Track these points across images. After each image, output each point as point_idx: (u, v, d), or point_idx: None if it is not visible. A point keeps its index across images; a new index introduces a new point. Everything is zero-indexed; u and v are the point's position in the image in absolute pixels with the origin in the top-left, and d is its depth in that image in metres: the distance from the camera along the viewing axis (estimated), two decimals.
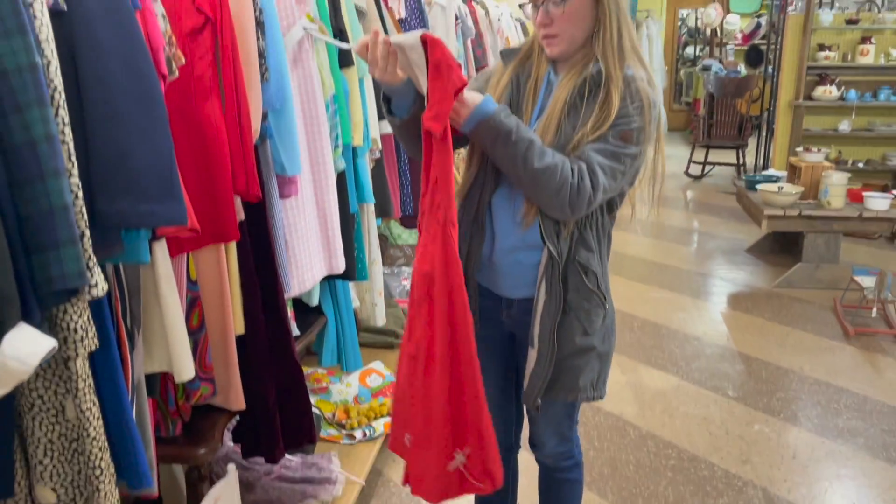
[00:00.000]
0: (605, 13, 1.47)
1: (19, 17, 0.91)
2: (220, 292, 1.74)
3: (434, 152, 1.38)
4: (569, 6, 1.46)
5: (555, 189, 1.42)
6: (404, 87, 1.42)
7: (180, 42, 1.47)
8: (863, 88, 5.99)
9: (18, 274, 0.95)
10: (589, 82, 1.48)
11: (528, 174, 1.43)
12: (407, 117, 1.46)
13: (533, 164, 1.41)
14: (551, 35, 1.50)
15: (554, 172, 1.41)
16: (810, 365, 3.41)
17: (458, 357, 1.42)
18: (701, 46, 11.57)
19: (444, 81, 1.31)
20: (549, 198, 1.44)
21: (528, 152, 1.41)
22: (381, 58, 1.35)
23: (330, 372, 2.87)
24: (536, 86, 1.57)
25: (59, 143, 0.95)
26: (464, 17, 4.60)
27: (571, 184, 1.42)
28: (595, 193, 1.44)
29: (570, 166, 1.43)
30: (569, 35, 1.50)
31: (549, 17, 1.48)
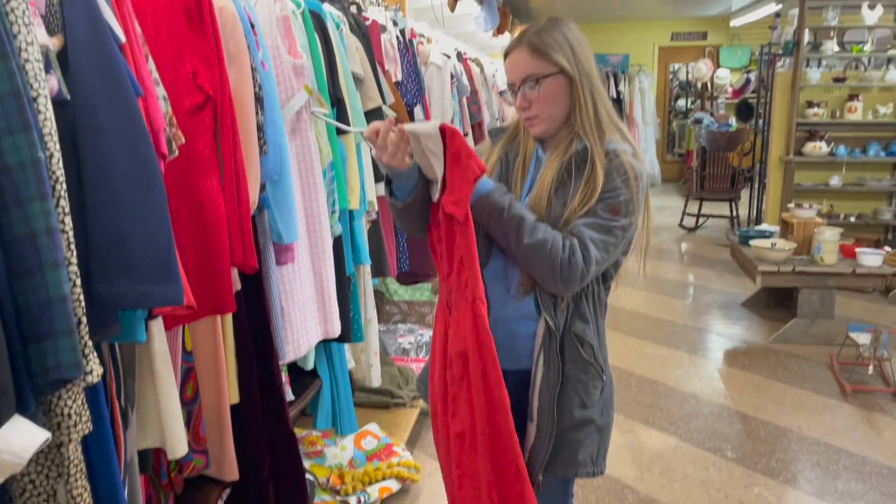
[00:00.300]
0: (579, 92, 1.53)
1: (24, 113, 0.93)
2: (216, 363, 1.74)
3: (457, 234, 1.43)
4: (543, 88, 1.52)
5: (547, 264, 1.45)
6: (409, 172, 1.45)
7: (180, 120, 1.50)
8: (852, 144, 6.08)
9: (14, 363, 0.95)
10: (575, 159, 1.52)
11: (520, 250, 1.47)
12: (410, 200, 1.49)
13: (523, 240, 1.45)
14: (531, 117, 1.56)
15: (544, 247, 1.44)
16: (808, 424, 3.39)
17: (499, 432, 1.45)
18: (692, 99, 11.78)
19: (464, 168, 1.36)
20: (542, 272, 1.47)
21: (518, 229, 1.45)
22: (392, 144, 1.39)
23: (324, 435, 2.84)
24: (525, 163, 1.60)
25: (59, 235, 0.97)
26: (459, 76, 4.69)
27: (562, 258, 1.45)
28: (587, 267, 1.46)
29: (560, 241, 1.46)
30: (548, 115, 1.55)
31: (526, 101, 1.54)
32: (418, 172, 1.47)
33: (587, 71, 1.53)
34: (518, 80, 1.54)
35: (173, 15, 1.53)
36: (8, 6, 0.98)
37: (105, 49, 1.15)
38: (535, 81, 1.52)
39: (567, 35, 1.53)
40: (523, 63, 1.53)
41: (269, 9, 2.00)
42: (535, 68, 1.52)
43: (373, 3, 3.45)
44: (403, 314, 4.21)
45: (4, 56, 0.93)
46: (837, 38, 6.29)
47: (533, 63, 1.52)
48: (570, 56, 1.51)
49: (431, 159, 1.39)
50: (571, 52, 1.51)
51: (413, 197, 1.48)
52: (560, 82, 1.52)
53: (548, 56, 1.51)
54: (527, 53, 1.52)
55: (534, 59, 1.52)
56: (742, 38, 11.27)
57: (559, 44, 1.51)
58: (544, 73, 1.51)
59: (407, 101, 3.35)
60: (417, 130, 1.38)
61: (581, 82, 1.52)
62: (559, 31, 1.53)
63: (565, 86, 1.53)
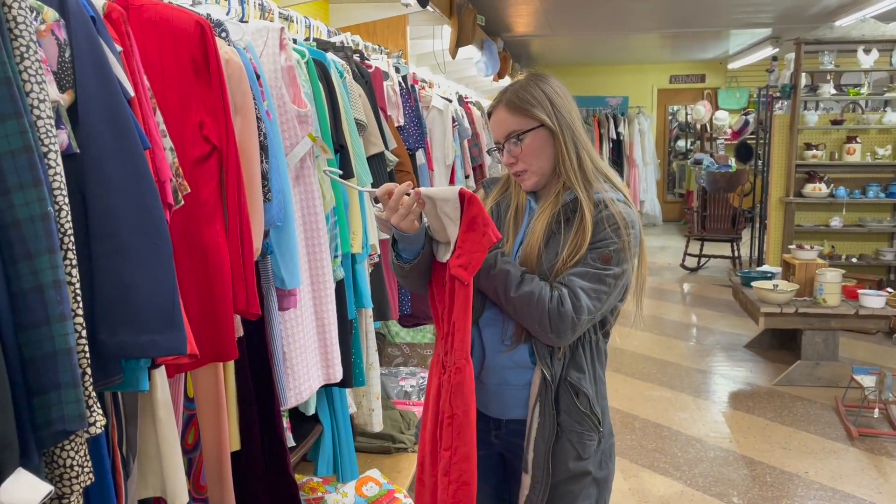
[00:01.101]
0: (561, 143, 1.55)
1: (34, 169, 0.95)
2: (217, 410, 1.74)
3: (457, 297, 1.44)
4: (525, 143, 1.55)
5: (536, 315, 1.46)
6: (416, 235, 1.47)
7: (186, 169, 1.52)
8: (851, 186, 6.12)
9: (19, 415, 0.96)
10: (565, 210, 1.53)
11: (509, 304, 1.49)
12: (416, 262, 1.51)
13: (510, 294, 1.47)
14: (520, 172, 1.58)
15: (531, 299, 1.46)
16: (815, 469, 3.35)
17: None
18: (692, 140, 11.90)
19: (479, 235, 1.39)
20: (532, 324, 1.48)
21: (505, 284, 1.48)
22: (405, 207, 1.41)
23: (325, 481, 2.81)
24: (517, 214, 1.62)
25: (66, 288, 0.98)
26: (461, 119, 4.75)
27: (550, 308, 1.45)
28: (578, 317, 1.45)
29: (548, 292, 1.46)
30: (536, 168, 1.57)
31: (512, 157, 1.57)
32: (425, 235, 1.49)
33: (568, 122, 1.55)
34: (502, 138, 1.58)
35: (181, 66, 1.57)
36: (22, 65, 1.01)
37: (114, 104, 1.18)
38: (517, 137, 1.54)
39: (545, 89, 1.55)
40: (504, 121, 1.57)
41: (274, 59, 2.04)
42: (515, 125, 1.55)
43: (375, 51, 3.52)
44: (405, 356, 4.20)
45: (17, 114, 0.95)
46: (834, 81, 6.38)
47: (513, 120, 1.55)
48: (550, 109, 1.54)
49: (446, 223, 1.42)
50: (550, 105, 1.54)
51: (419, 259, 1.50)
52: (542, 135, 1.54)
53: (527, 112, 1.54)
54: (506, 112, 1.56)
55: (513, 117, 1.55)
56: (740, 81, 11.43)
57: (537, 99, 1.54)
58: (524, 128, 1.54)
59: (409, 146, 3.39)
60: (435, 195, 1.40)
61: (563, 134, 1.54)
62: (537, 86, 1.56)
63: (547, 138, 1.55)
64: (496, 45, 6.63)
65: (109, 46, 1.23)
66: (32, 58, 1.02)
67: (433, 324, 3.89)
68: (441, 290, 1.51)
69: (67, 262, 1.02)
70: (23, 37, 1.01)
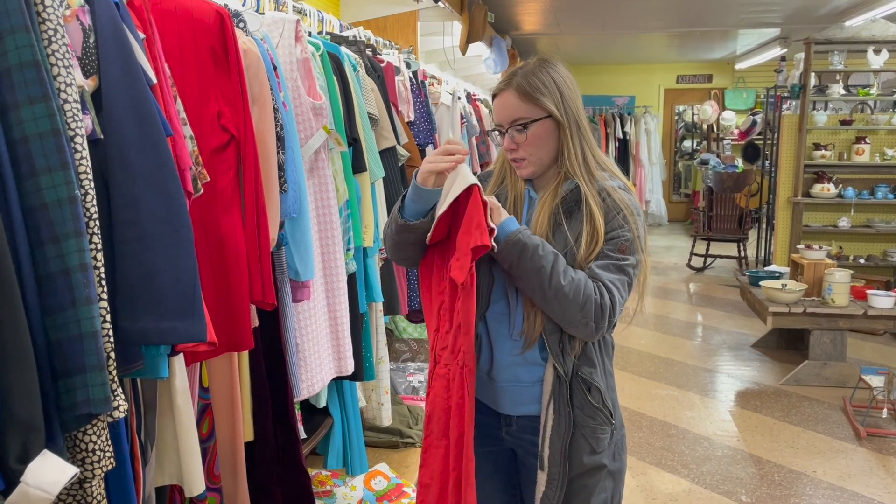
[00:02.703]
0: (567, 136, 1.52)
1: (62, 152, 0.96)
2: (232, 400, 1.74)
3: (459, 299, 1.43)
4: (531, 132, 1.51)
5: (580, 305, 1.42)
6: (431, 194, 1.46)
7: (205, 158, 1.53)
8: (860, 186, 6.10)
9: (45, 398, 0.96)
10: (567, 200, 1.52)
11: (552, 289, 1.42)
12: (413, 223, 1.49)
13: (560, 280, 1.41)
14: (519, 159, 1.55)
15: (579, 288, 1.41)
16: (823, 468, 3.34)
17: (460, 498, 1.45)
18: (698, 140, 11.88)
19: (471, 237, 1.36)
20: (573, 314, 1.43)
21: (555, 266, 1.42)
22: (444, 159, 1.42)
23: (334, 474, 2.82)
24: (516, 205, 1.59)
25: (92, 272, 0.98)
26: (469, 116, 4.75)
27: (595, 300, 1.42)
28: (615, 309, 1.45)
29: (591, 284, 1.44)
30: (536, 158, 1.54)
31: (514, 143, 1.53)
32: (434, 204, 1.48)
33: (575, 114, 1.53)
34: (506, 123, 1.53)
35: (200, 57, 1.57)
36: (49, 48, 1.01)
37: (138, 90, 1.19)
38: (522, 126, 1.51)
39: (555, 78, 1.52)
40: (511, 106, 1.52)
41: (291, 51, 2.05)
42: (523, 112, 1.51)
43: (387, 46, 3.53)
44: (413, 352, 4.20)
45: (45, 97, 0.95)
46: (843, 82, 6.36)
47: (521, 107, 1.51)
48: (559, 100, 1.51)
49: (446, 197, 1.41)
50: (560, 95, 1.51)
51: (418, 223, 1.48)
52: (548, 126, 1.52)
53: (536, 100, 1.50)
54: (515, 97, 1.51)
55: (522, 103, 1.51)
56: (747, 81, 11.40)
57: (548, 88, 1.50)
58: (532, 117, 1.51)
59: (419, 141, 3.40)
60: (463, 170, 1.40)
61: (569, 126, 1.52)
62: (547, 73, 1.52)
63: (553, 129, 1.52)
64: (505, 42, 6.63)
65: (133, 33, 1.23)
66: (60, 41, 1.02)
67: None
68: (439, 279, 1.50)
69: (93, 247, 1.03)
70: (51, 20, 1.01)
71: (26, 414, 0.90)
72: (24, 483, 0.89)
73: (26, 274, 0.94)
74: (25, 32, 0.94)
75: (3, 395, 0.87)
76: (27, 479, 0.89)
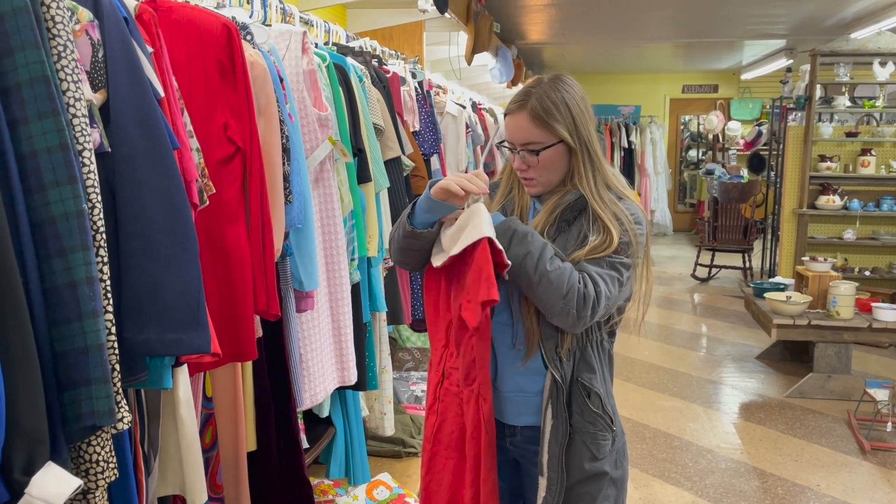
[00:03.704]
0: (579, 160, 1.54)
1: (70, 166, 0.97)
2: (235, 410, 1.75)
3: (474, 337, 1.47)
4: (543, 156, 1.53)
5: (563, 292, 1.43)
6: (443, 208, 1.48)
7: (211, 170, 1.54)
8: (865, 198, 6.09)
9: (50, 410, 0.97)
10: (571, 208, 1.54)
11: (538, 274, 1.44)
12: (420, 231, 1.51)
13: (546, 266, 1.43)
14: (529, 178, 1.57)
15: (563, 275, 1.44)
16: (827, 482, 3.33)
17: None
18: (703, 150, 11.87)
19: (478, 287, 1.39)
20: (556, 301, 1.44)
21: (542, 253, 1.44)
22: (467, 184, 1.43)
23: (336, 484, 2.82)
24: (523, 216, 1.62)
25: (98, 285, 0.99)
26: (474, 126, 4.77)
27: (578, 288, 1.44)
28: (598, 300, 1.45)
29: (577, 273, 1.46)
30: (545, 180, 1.56)
31: (524, 164, 1.55)
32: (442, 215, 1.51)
33: (586, 139, 1.54)
34: (518, 144, 1.54)
35: (207, 68, 1.59)
36: (59, 64, 1.02)
37: (145, 104, 1.20)
38: (535, 152, 1.52)
39: (568, 101, 1.52)
40: (524, 129, 1.52)
41: (297, 62, 2.06)
42: (535, 137, 1.52)
43: (393, 56, 3.54)
44: (416, 361, 4.20)
45: (55, 111, 0.96)
46: (849, 94, 6.35)
47: (534, 131, 1.52)
48: (571, 126, 1.51)
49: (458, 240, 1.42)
50: (573, 120, 1.52)
51: (425, 231, 1.50)
52: (559, 151, 1.53)
53: (549, 126, 1.50)
54: (528, 120, 1.52)
55: (535, 128, 1.51)
56: (753, 92, 11.40)
57: (561, 113, 1.51)
58: (545, 143, 1.52)
59: (424, 151, 3.41)
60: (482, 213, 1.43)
61: (581, 152, 1.53)
62: (561, 95, 1.52)
63: (564, 154, 1.54)
64: (510, 52, 6.65)
65: (141, 47, 1.24)
66: (69, 57, 1.04)
67: None
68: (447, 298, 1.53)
69: (99, 260, 1.03)
70: (60, 36, 1.02)
71: (31, 425, 0.90)
72: (28, 495, 0.90)
73: (33, 286, 0.95)
74: (36, 49, 0.96)
75: (8, 406, 0.88)
76: (31, 491, 0.90)
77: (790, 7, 6.37)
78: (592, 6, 6.38)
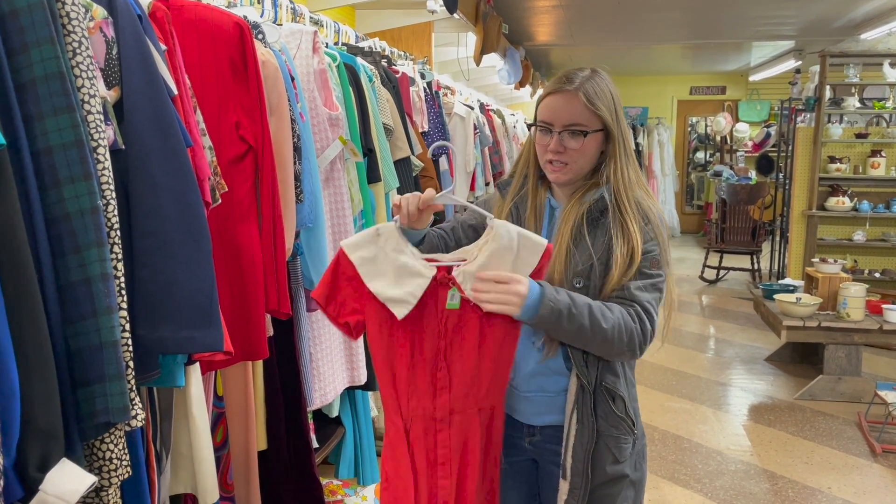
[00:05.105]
0: (617, 150, 1.51)
1: (85, 163, 0.97)
2: (246, 409, 1.75)
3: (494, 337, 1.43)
4: (586, 141, 1.49)
5: (625, 341, 1.42)
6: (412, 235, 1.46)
7: (223, 168, 1.54)
8: (875, 200, 6.06)
9: (64, 406, 0.97)
10: (593, 209, 1.50)
11: (597, 337, 1.41)
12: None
13: (601, 326, 1.40)
14: (562, 163, 1.50)
15: (621, 326, 1.42)
16: (838, 484, 3.31)
17: None
18: (711, 152, 11.84)
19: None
20: (621, 350, 1.44)
21: (592, 318, 1.40)
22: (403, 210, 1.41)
23: (345, 484, 2.81)
24: (537, 214, 1.57)
25: (113, 282, 0.99)
26: (482, 127, 4.76)
27: (635, 329, 1.43)
28: (654, 331, 1.46)
29: (628, 313, 1.44)
30: (578, 167, 1.51)
31: (562, 146, 1.49)
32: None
33: (623, 130, 1.52)
34: (560, 125, 1.48)
35: (219, 67, 1.59)
36: (74, 60, 1.02)
37: (159, 101, 1.20)
38: (582, 134, 1.47)
39: (613, 92, 1.51)
40: (575, 110, 1.47)
41: (308, 62, 2.06)
42: (584, 119, 1.47)
43: (402, 57, 3.54)
44: None
45: (70, 108, 0.96)
46: (858, 95, 6.32)
47: (584, 114, 1.47)
48: (614, 115, 1.50)
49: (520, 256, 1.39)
50: (615, 109, 1.50)
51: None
52: (599, 139, 1.50)
53: (598, 111, 1.47)
54: (580, 102, 1.47)
55: (585, 111, 1.47)
56: (761, 93, 11.36)
57: (608, 99, 1.49)
58: (592, 127, 1.48)
59: (432, 152, 3.40)
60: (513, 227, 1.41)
61: (619, 143, 1.51)
62: (607, 86, 1.50)
63: (601, 142, 1.51)
64: (518, 53, 6.65)
65: (154, 45, 1.24)
66: (84, 53, 1.04)
67: None
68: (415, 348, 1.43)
69: (114, 256, 1.03)
70: (75, 32, 1.02)
71: (46, 422, 0.90)
72: (42, 491, 0.90)
73: (48, 283, 0.94)
74: (51, 44, 0.96)
75: (23, 403, 0.88)
76: (46, 488, 0.90)
77: (799, 8, 6.35)
78: (600, 7, 6.37)
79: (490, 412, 1.45)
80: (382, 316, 1.38)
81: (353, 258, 1.37)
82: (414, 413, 1.42)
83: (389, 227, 1.40)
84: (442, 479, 1.43)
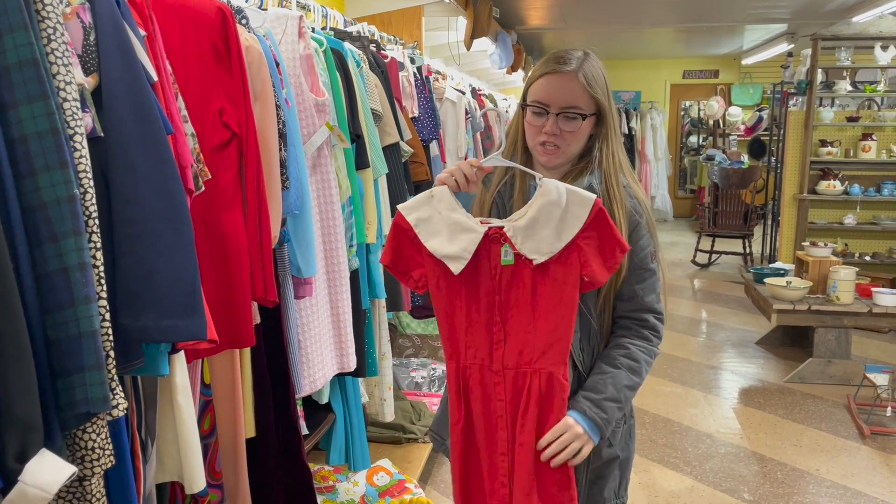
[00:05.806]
0: (609, 133, 1.52)
1: (61, 151, 0.96)
2: (233, 396, 1.75)
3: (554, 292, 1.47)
4: (582, 125, 1.48)
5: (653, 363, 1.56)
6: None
7: (206, 155, 1.52)
8: (866, 183, 6.07)
9: (43, 397, 0.96)
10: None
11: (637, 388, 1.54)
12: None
13: (639, 382, 1.52)
14: (553, 145, 1.49)
15: (648, 362, 1.53)
16: (826, 466, 3.34)
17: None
18: (704, 136, 11.83)
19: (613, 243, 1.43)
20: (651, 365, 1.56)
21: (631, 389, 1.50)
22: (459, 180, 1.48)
23: (336, 470, 2.82)
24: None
25: (91, 271, 0.98)
26: (473, 112, 4.74)
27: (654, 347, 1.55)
28: (664, 321, 1.57)
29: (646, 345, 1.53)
30: (570, 151, 1.51)
31: (558, 128, 1.47)
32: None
33: (614, 113, 1.53)
34: (557, 107, 1.46)
35: (202, 53, 1.57)
36: (49, 47, 1.01)
37: (138, 88, 1.18)
38: (581, 117, 1.47)
39: (604, 73, 1.51)
40: (574, 92, 1.46)
41: (293, 47, 2.04)
42: (582, 102, 1.46)
43: (391, 41, 3.51)
44: (416, 348, 4.20)
45: (44, 95, 0.95)
46: (850, 78, 6.32)
47: (583, 97, 1.46)
48: (607, 97, 1.50)
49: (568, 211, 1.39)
50: (608, 92, 1.50)
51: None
52: (591, 123, 1.50)
53: (594, 94, 1.47)
54: (580, 85, 1.46)
55: (584, 94, 1.46)
56: (753, 77, 11.34)
57: (602, 83, 1.49)
58: (589, 111, 1.47)
59: (423, 137, 3.39)
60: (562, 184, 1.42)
61: (610, 128, 1.52)
62: (599, 67, 1.50)
63: (593, 125, 1.51)
64: (510, 37, 6.61)
65: (133, 30, 1.23)
66: (59, 40, 1.02)
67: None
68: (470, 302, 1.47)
69: (92, 246, 1.02)
70: (50, 18, 1.01)
71: (24, 413, 0.90)
72: (22, 482, 0.89)
73: (25, 273, 0.94)
74: (24, 31, 0.94)
75: (1, 394, 0.87)
76: (25, 479, 0.89)
77: None
78: None
79: (548, 378, 1.42)
80: (440, 272, 1.45)
81: (410, 219, 1.46)
82: (472, 361, 1.47)
83: (443, 189, 1.47)
84: (500, 430, 1.46)
